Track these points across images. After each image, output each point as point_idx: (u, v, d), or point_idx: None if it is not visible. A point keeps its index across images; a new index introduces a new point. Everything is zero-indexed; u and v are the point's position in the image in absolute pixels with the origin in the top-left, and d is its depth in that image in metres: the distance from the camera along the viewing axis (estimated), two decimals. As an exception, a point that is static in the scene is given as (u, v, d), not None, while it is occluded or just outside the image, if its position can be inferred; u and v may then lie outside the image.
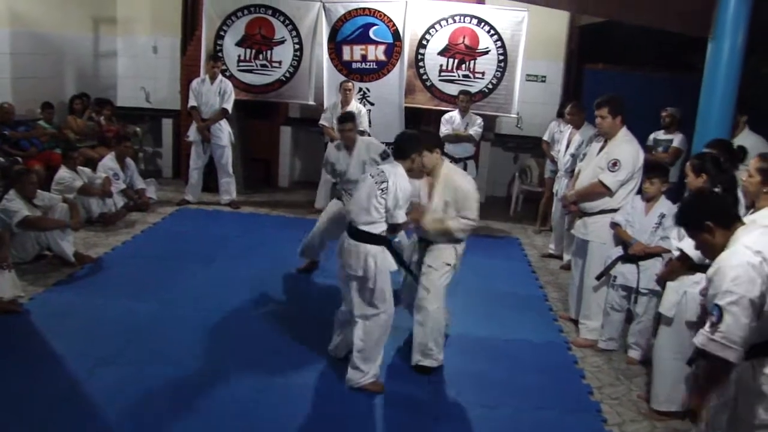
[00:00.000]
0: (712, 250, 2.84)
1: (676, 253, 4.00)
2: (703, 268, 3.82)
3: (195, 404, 3.97)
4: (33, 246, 5.97)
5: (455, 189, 4.43)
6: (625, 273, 4.76)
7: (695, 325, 3.73)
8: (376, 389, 4.20)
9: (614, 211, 4.90)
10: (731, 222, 2.81)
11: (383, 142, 6.11)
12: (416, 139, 4.30)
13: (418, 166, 4.26)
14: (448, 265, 4.50)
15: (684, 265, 3.93)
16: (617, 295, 4.85)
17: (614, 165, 4.83)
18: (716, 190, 3.88)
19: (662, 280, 4.20)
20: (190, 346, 4.71)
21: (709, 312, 2.74)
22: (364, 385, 4.19)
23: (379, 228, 4.09)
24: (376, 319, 4.15)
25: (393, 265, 4.16)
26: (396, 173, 4.09)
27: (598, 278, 4.96)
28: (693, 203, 3.06)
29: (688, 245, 3.82)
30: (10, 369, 4.22)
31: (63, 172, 7.13)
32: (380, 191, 4.02)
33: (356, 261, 4.06)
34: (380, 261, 4.07)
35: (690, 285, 3.90)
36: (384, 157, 5.56)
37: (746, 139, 5.93)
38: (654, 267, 4.59)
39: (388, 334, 4.28)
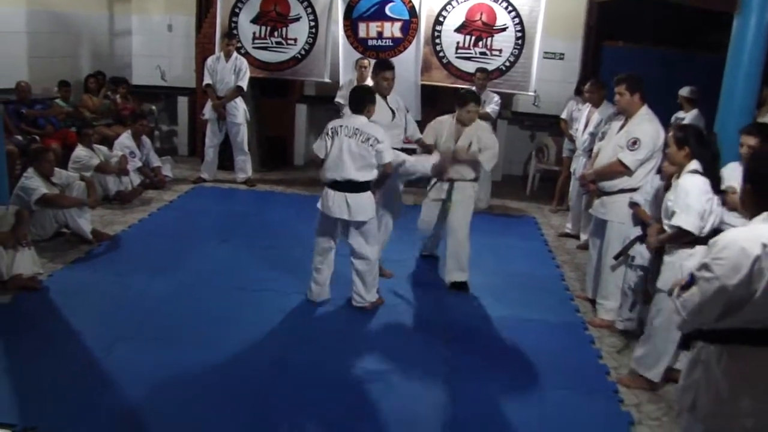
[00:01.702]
0: (743, 207, 2.65)
1: (669, 230, 3.99)
2: (703, 240, 3.80)
3: (211, 381, 4.00)
4: (51, 224, 6.01)
5: (479, 137, 5.46)
6: (644, 253, 4.70)
7: None
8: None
9: (633, 190, 4.83)
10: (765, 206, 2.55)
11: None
12: (368, 92, 5.08)
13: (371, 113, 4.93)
14: (470, 198, 5.63)
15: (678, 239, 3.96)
16: (635, 275, 4.79)
17: (634, 144, 4.77)
18: (697, 163, 3.88)
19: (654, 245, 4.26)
20: (207, 323, 4.74)
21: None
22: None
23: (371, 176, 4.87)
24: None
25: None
26: (364, 125, 4.82)
27: (616, 258, 4.91)
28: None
29: (684, 220, 3.82)
30: (31, 345, 4.27)
31: (80, 151, 7.16)
32: (370, 146, 4.74)
33: (365, 208, 4.87)
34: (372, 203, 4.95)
35: (686, 258, 3.87)
36: (408, 109, 5.95)
37: None
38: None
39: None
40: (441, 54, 8.51)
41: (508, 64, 8.37)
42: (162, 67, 10.39)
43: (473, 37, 8.41)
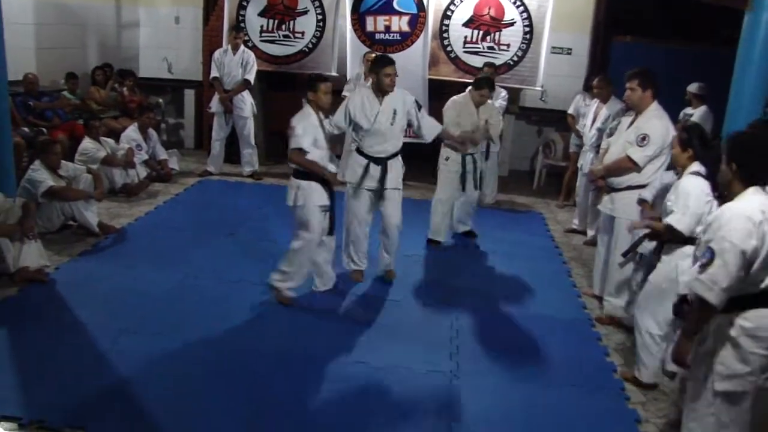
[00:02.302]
0: (725, 185, 2.95)
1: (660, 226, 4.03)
2: (693, 240, 3.80)
3: (216, 374, 4.00)
4: (58, 216, 6.01)
5: (491, 115, 6.39)
6: (652, 250, 4.67)
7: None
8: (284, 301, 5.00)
9: (642, 187, 4.80)
10: (753, 182, 2.83)
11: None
12: (308, 81, 4.99)
13: (316, 101, 4.88)
14: None
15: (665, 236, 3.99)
16: (643, 273, 4.77)
17: (643, 140, 4.74)
18: (699, 165, 3.93)
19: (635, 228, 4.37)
20: (212, 316, 4.74)
21: (700, 255, 2.84)
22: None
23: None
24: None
25: (321, 199, 4.86)
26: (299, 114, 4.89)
27: (624, 255, 4.88)
28: (751, 139, 3.02)
29: (678, 220, 3.82)
30: (37, 337, 4.27)
31: (86, 143, 7.16)
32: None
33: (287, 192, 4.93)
34: (305, 193, 4.81)
35: (682, 257, 3.88)
36: (418, 107, 5.43)
37: None
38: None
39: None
40: (449, 48, 8.49)
41: (515, 58, 8.36)
42: (169, 59, 10.36)
43: (481, 32, 8.39)
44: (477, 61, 8.29)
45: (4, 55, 5.54)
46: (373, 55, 7.88)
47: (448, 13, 8.41)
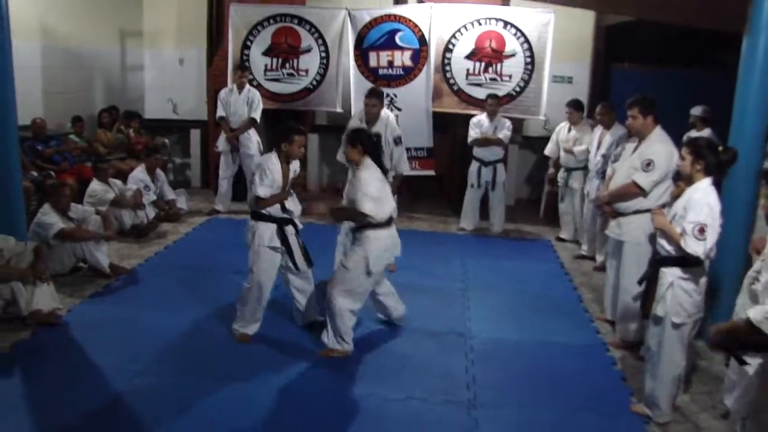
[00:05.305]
0: None
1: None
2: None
3: (232, 413, 3.99)
4: (69, 258, 6.04)
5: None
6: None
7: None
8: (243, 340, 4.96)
9: (648, 211, 4.81)
10: None
11: (415, 147, 6.03)
12: (283, 131, 4.86)
13: (289, 152, 4.82)
14: None
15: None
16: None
17: (648, 165, 4.77)
18: None
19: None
20: (226, 356, 4.74)
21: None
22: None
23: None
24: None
25: (270, 240, 4.86)
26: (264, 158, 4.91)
27: (639, 283, 4.86)
28: None
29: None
30: (51, 380, 4.27)
31: (95, 185, 7.22)
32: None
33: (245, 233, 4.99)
34: (256, 233, 4.87)
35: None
36: (397, 142, 5.55)
37: None
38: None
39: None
40: (451, 81, 8.57)
41: (518, 89, 8.42)
42: (174, 100, 10.51)
43: (483, 64, 8.47)
44: (480, 93, 8.36)
45: (14, 100, 5.61)
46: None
47: (450, 46, 8.50)
